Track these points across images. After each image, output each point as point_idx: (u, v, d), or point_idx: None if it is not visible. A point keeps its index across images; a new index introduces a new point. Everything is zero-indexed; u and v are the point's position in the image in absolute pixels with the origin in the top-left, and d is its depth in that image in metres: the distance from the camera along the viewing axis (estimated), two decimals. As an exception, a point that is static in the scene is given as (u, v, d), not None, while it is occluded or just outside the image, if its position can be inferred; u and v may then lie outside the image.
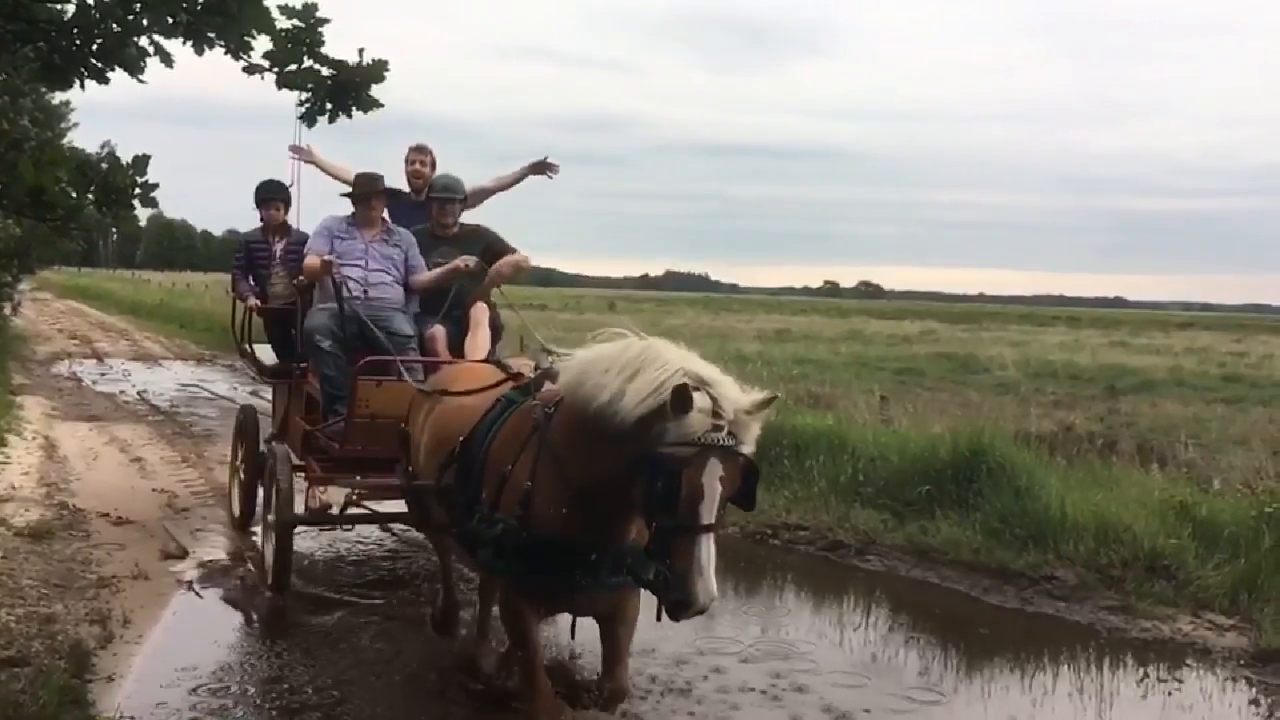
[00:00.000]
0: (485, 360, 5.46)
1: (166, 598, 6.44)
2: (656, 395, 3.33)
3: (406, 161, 7.53)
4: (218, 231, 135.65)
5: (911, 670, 5.86)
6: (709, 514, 3.27)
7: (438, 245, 6.79)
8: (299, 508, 6.56)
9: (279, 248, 7.73)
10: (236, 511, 7.96)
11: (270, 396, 8.60)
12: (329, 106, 4.08)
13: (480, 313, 6.64)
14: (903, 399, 14.21)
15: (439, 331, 6.47)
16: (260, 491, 7.28)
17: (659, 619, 3.45)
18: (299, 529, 6.56)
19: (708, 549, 3.26)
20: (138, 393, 16.28)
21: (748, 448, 3.38)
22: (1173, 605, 6.88)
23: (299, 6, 3.93)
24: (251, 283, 7.78)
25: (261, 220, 7.83)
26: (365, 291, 6.41)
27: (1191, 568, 7.18)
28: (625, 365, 3.48)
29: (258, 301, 7.67)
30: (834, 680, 5.58)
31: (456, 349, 6.43)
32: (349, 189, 6.80)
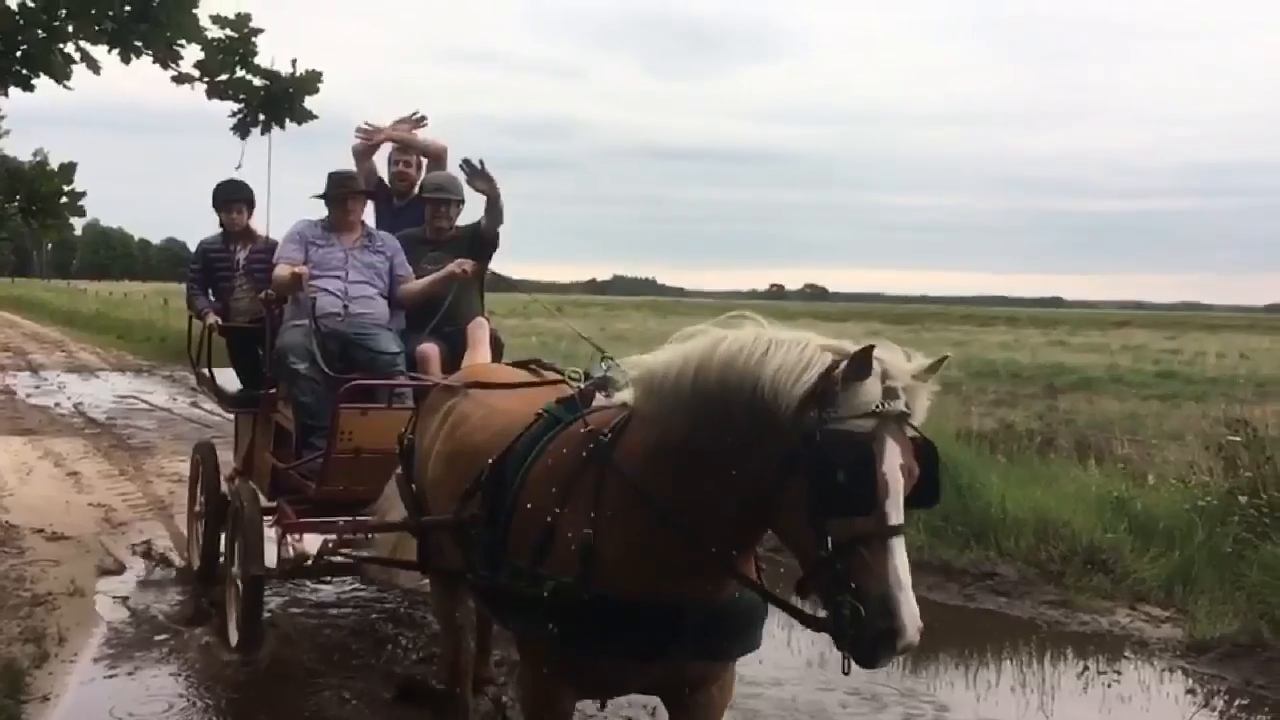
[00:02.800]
0: (520, 365, 4.52)
1: (103, 615, 6.31)
2: (811, 368, 2.58)
3: (390, 162, 6.63)
4: (157, 239, 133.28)
5: (857, 668, 5.91)
6: (899, 510, 2.53)
7: (429, 250, 6.05)
8: (270, 558, 5.54)
9: (242, 256, 6.75)
10: (196, 563, 6.83)
11: (232, 427, 7.39)
12: (262, 117, 4.02)
13: (479, 328, 5.83)
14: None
15: (431, 350, 5.68)
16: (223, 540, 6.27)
17: (846, 670, 2.63)
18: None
19: (905, 559, 2.51)
20: (73, 405, 15.92)
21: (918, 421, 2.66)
22: (1111, 598, 7.05)
23: (231, 16, 3.88)
24: (211, 297, 6.82)
25: (221, 225, 6.86)
26: (345, 306, 5.62)
27: (1128, 561, 7.35)
28: (741, 354, 2.70)
29: (218, 319, 6.62)
30: (782, 678, 5.61)
31: (453, 370, 5.52)
32: (324, 190, 5.91)
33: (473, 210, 6.20)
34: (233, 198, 6.78)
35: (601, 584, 2.90)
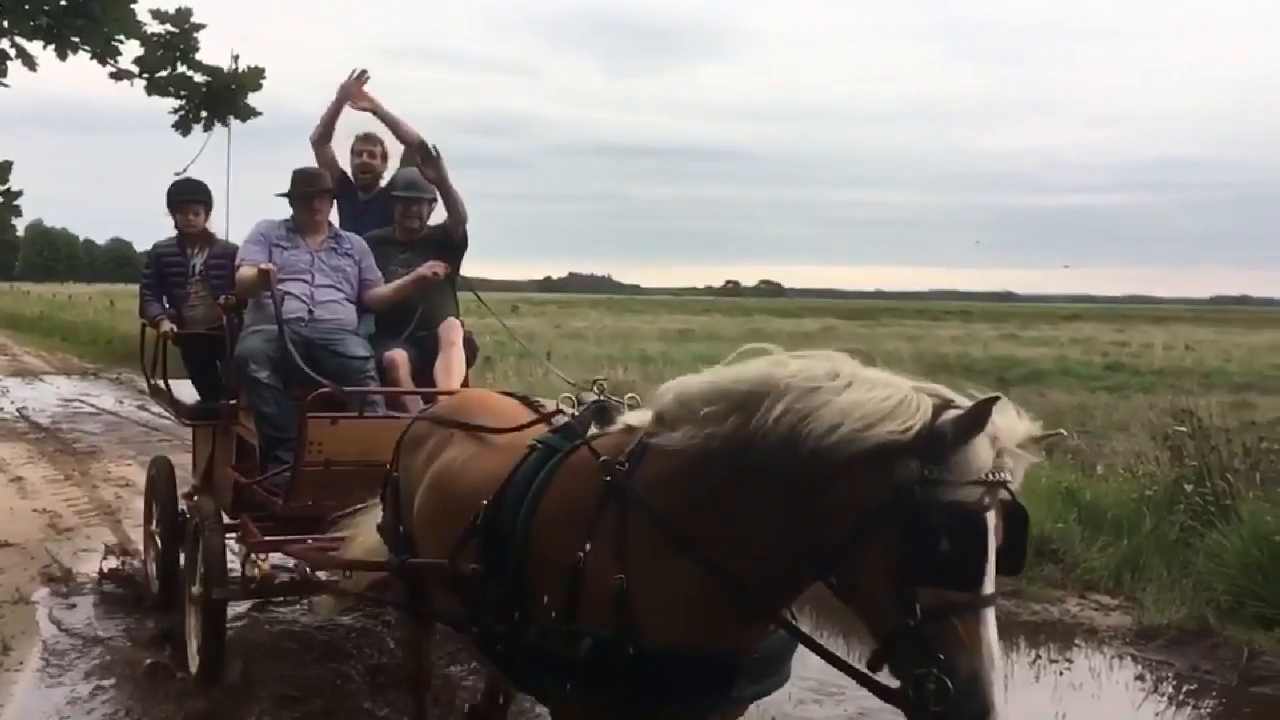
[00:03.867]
0: (517, 397, 4.10)
1: (48, 623, 6.17)
2: (913, 414, 2.28)
3: (353, 154, 6.28)
4: (102, 240, 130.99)
5: (813, 663, 5.93)
6: (994, 580, 2.30)
7: (399, 252, 5.73)
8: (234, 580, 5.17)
9: (199, 261, 6.34)
10: (155, 586, 6.36)
11: (183, 429, 7.06)
12: (204, 114, 3.94)
13: (452, 330, 5.53)
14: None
15: (400, 356, 5.38)
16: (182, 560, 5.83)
17: None
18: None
19: (996, 631, 2.28)
20: (17, 410, 15.59)
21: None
22: (1061, 587, 7.15)
23: (171, 11, 3.79)
24: (165, 304, 6.40)
25: (176, 228, 6.40)
26: (311, 311, 5.31)
27: (1078, 551, 7.47)
28: (817, 387, 2.38)
29: (173, 326, 6.22)
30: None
31: (423, 376, 5.38)
32: (288, 188, 5.63)
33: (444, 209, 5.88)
34: (189, 198, 6.35)
35: (642, 636, 2.58)
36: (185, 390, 6.34)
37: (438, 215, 5.86)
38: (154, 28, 3.69)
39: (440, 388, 5.12)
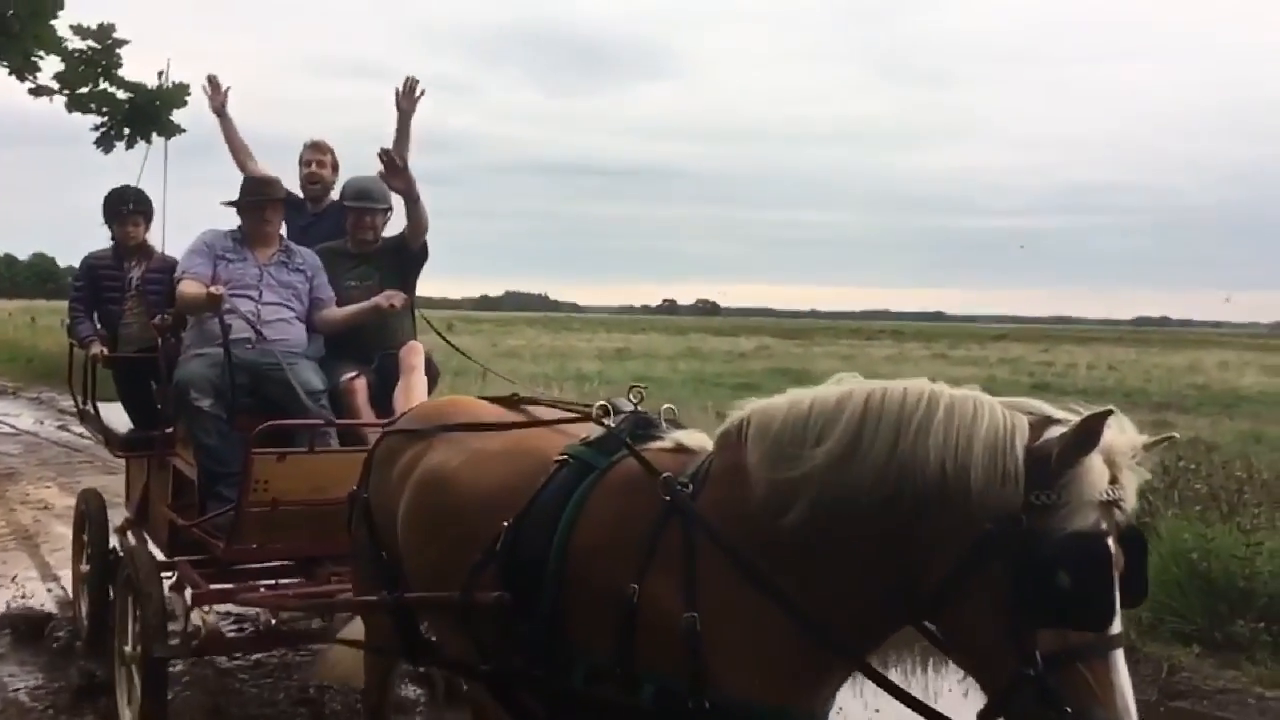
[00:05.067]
0: (496, 400, 3.70)
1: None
2: (1014, 435, 2.06)
3: (301, 163, 5.84)
4: (23, 255, 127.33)
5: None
6: (1119, 615, 2.05)
7: (353, 265, 5.34)
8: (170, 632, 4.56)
9: (135, 275, 5.84)
10: (85, 630, 5.81)
11: (109, 453, 6.39)
12: (126, 131, 3.85)
13: (413, 354, 5.13)
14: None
15: (358, 383, 4.97)
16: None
17: None
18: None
19: (1128, 675, 2.03)
20: (-71, 431, 15.05)
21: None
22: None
23: (93, 27, 3.71)
24: (97, 322, 5.91)
25: (114, 239, 5.92)
26: (257, 331, 4.85)
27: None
28: (907, 410, 2.18)
29: (103, 349, 5.71)
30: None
31: (382, 403, 4.97)
32: (234, 197, 5.28)
33: (399, 219, 5.50)
34: (130, 208, 5.88)
35: (717, 686, 2.26)
36: (117, 414, 5.85)
37: (394, 225, 5.52)
38: (75, 44, 3.60)
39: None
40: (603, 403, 2.92)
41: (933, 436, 2.11)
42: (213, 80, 5.96)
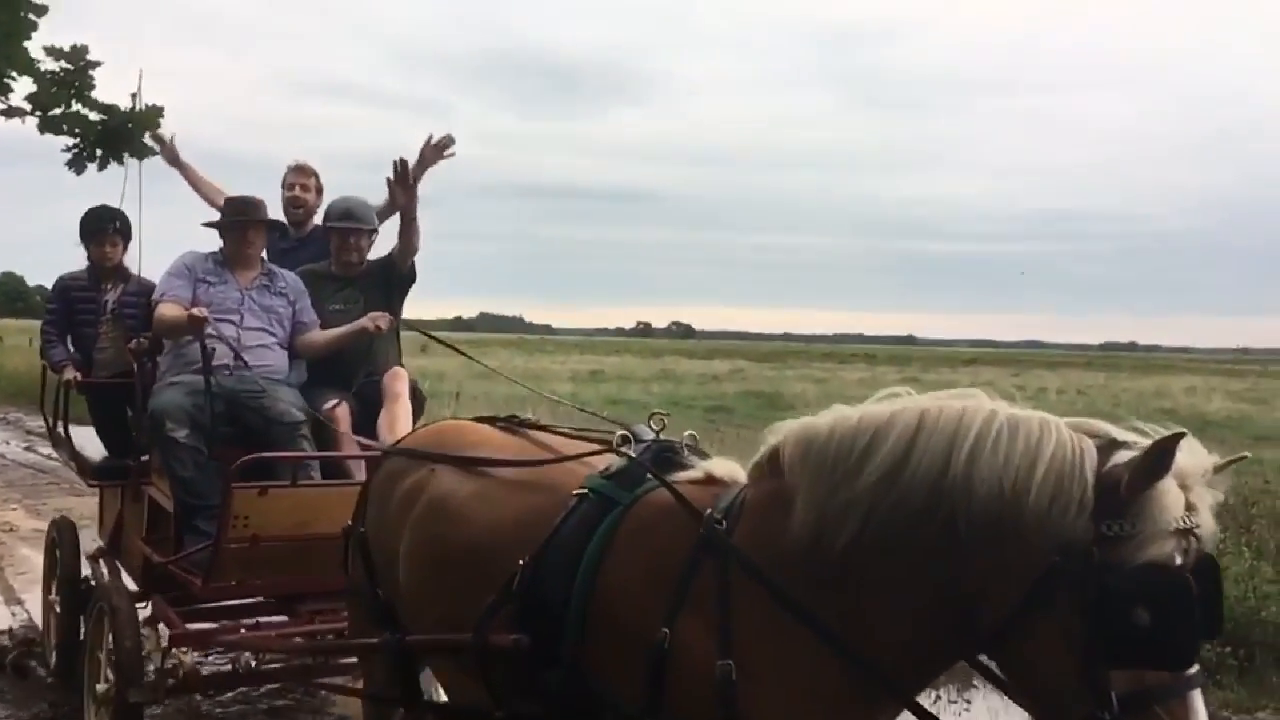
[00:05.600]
0: (487, 420, 3.50)
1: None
2: (1083, 459, 1.92)
3: (284, 186, 5.67)
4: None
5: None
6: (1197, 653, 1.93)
7: (337, 288, 5.17)
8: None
9: (112, 298, 5.65)
10: (52, 660, 5.61)
11: (76, 474, 6.07)
12: (99, 153, 3.83)
13: (397, 380, 4.93)
14: (713, 438, 14.55)
15: (341, 410, 4.76)
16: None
17: None
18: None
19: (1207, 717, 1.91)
20: (-109, 452, 14.79)
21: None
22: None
23: (66, 48, 3.69)
24: (70, 345, 5.73)
25: (90, 260, 5.71)
26: (237, 357, 4.66)
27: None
28: (963, 432, 2.02)
29: (77, 374, 5.52)
30: None
31: (365, 432, 4.75)
32: (215, 218, 5.14)
33: (386, 239, 5.32)
34: (106, 227, 5.65)
35: None
36: (89, 439, 5.65)
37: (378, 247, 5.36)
38: (48, 65, 3.58)
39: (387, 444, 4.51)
40: (623, 432, 2.74)
41: (992, 456, 1.96)
42: (157, 137, 5.68)
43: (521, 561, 2.52)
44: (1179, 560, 1.86)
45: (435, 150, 5.16)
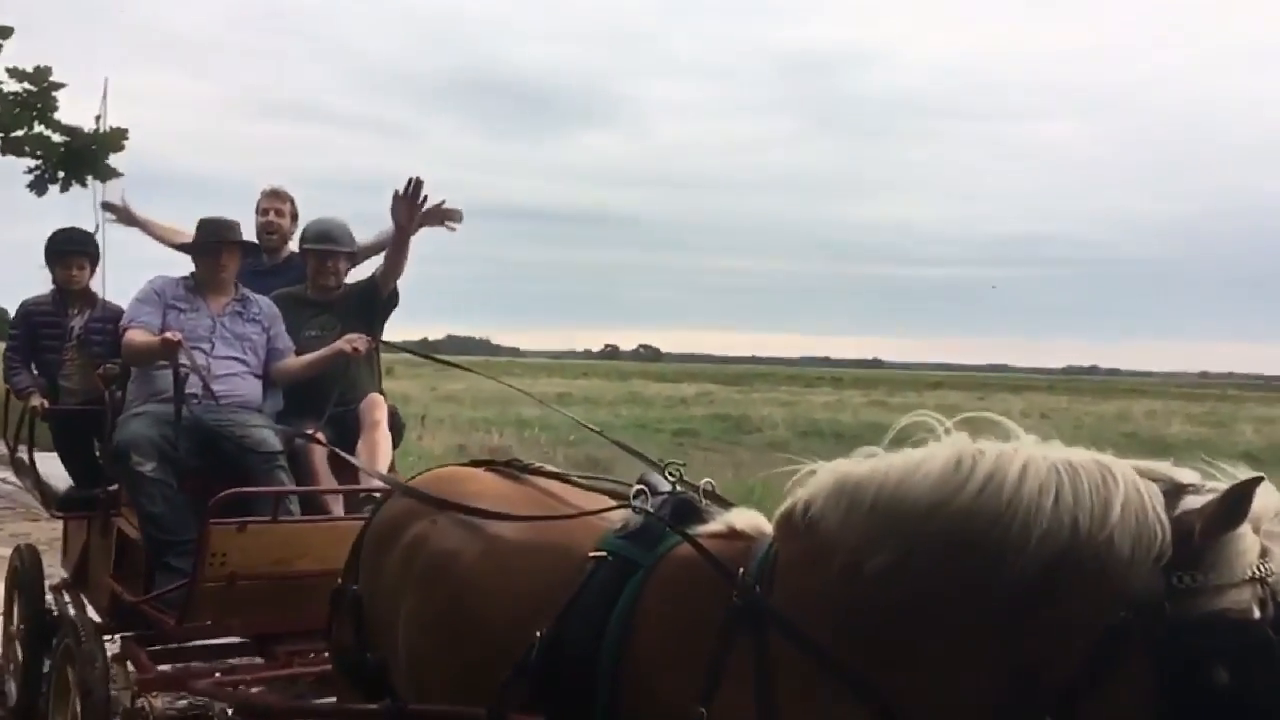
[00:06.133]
0: (482, 464, 3.29)
1: None
2: (1151, 505, 1.78)
3: (257, 211, 5.50)
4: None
5: None
6: None
7: (314, 314, 4.97)
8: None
9: (78, 323, 5.44)
10: (12, 693, 5.40)
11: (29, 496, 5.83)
12: (61, 174, 3.78)
13: (376, 408, 4.72)
14: (680, 460, 14.56)
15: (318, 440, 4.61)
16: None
17: None
18: None
19: None
20: None
21: None
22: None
23: (29, 69, 3.65)
24: (35, 371, 5.52)
25: (55, 283, 5.51)
26: (207, 386, 4.45)
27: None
28: (1018, 480, 1.85)
29: (43, 401, 5.31)
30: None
31: (343, 463, 4.51)
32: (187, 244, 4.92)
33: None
34: (73, 250, 5.46)
35: None
36: (54, 467, 5.38)
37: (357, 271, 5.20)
38: (10, 86, 3.54)
39: (367, 477, 4.32)
40: (640, 486, 2.51)
41: (1059, 500, 1.81)
42: (106, 204, 5.50)
43: (539, 633, 2.31)
44: (1257, 613, 1.70)
45: (440, 215, 5.11)
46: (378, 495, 4.13)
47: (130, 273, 5.20)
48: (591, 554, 2.36)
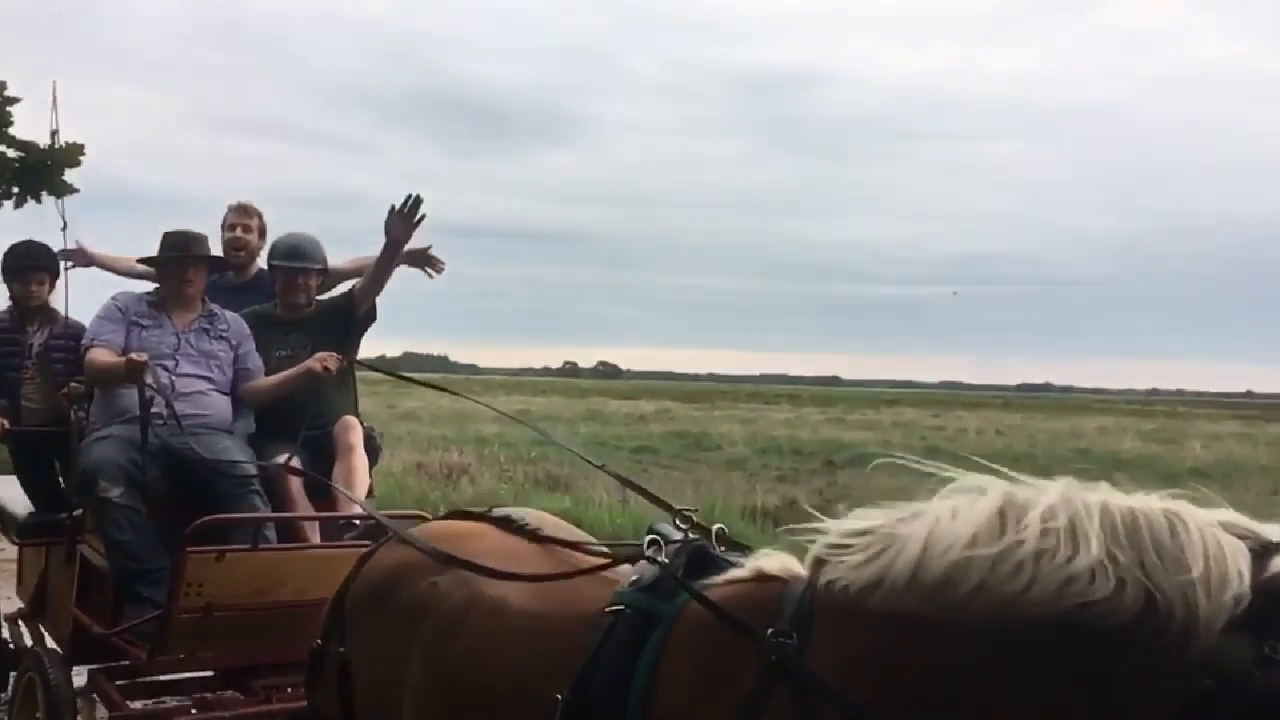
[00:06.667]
0: (471, 516, 3.07)
1: None
2: (1236, 566, 1.60)
3: (224, 227, 5.26)
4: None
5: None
6: None
7: (284, 333, 4.75)
8: None
9: (37, 340, 5.19)
10: None
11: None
12: (15, 190, 3.72)
13: (351, 431, 4.52)
14: (639, 478, 14.57)
15: (293, 465, 4.33)
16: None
17: None
18: None
19: None
20: None
21: None
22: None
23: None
24: None
25: (13, 299, 5.28)
26: (168, 406, 4.18)
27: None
28: (1073, 530, 1.69)
29: (3, 422, 5.03)
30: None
31: (319, 487, 4.36)
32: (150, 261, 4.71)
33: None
34: (32, 264, 5.23)
35: None
36: (12, 490, 5.14)
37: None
38: (-35, 101, 3.48)
39: (344, 503, 4.19)
40: (653, 536, 2.34)
41: (1135, 554, 1.63)
42: (62, 252, 5.36)
43: (559, 695, 2.12)
44: None
45: (424, 258, 5.18)
46: (357, 522, 4.10)
47: (94, 290, 5.04)
48: (607, 608, 2.19)
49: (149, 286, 4.78)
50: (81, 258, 5.37)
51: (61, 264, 5.21)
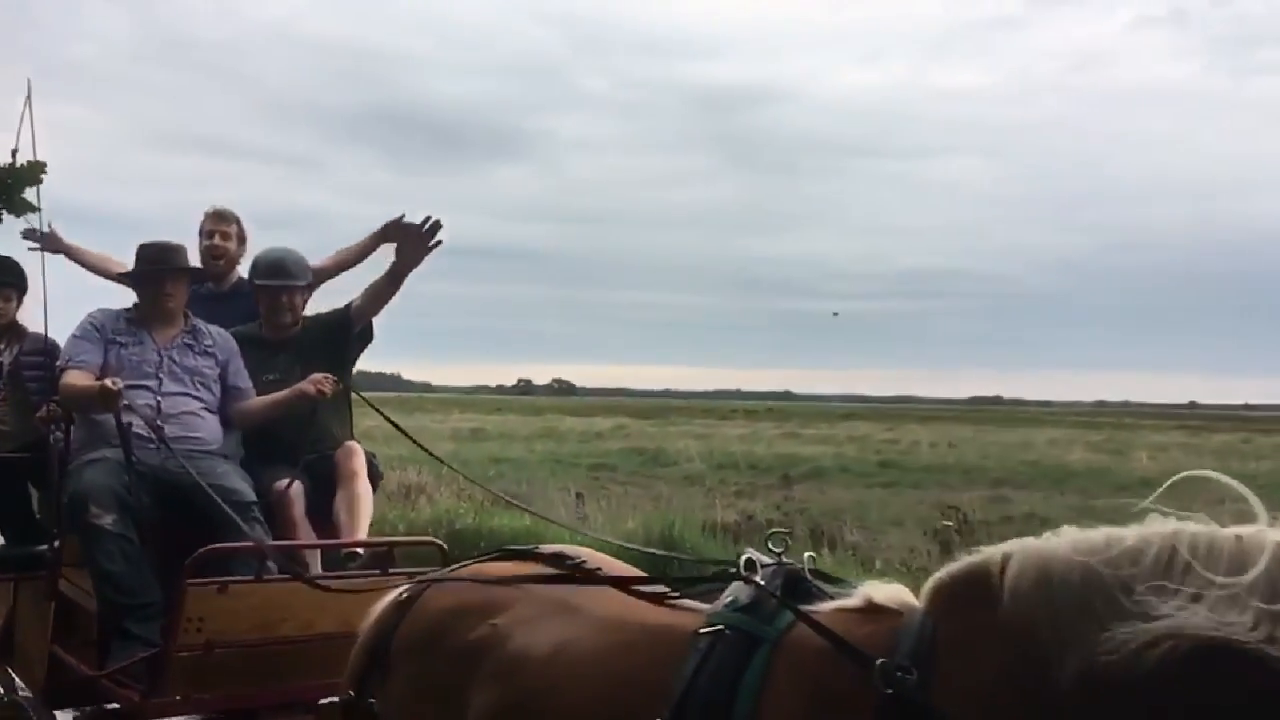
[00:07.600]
0: (512, 555, 2.84)
1: None
2: None
3: (202, 234, 4.96)
4: None
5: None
6: None
7: (271, 354, 4.52)
8: None
9: (6, 358, 4.96)
10: None
11: None
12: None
13: (353, 457, 4.32)
14: (597, 495, 14.65)
15: (295, 491, 4.12)
16: None
17: None
18: None
19: None
20: None
21: None
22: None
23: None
24: None
25: None
26: (157, 431, 3.93)
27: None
28: (1220, 563, 1.59)
29: None
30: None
31: (320, 514, 4.18)
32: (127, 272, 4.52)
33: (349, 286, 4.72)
34: (25, 280, 4.99)
35: None
36: None
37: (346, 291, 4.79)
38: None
39: (348, 532, 4.01)
40: (748, 556, 2.21)
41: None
42: (27, 232, 4.94)
43: None
44: None
45: (393, 232, 4.77)
46: (360, 552, 3.90)
47: (74, 307, 4.74)
48: (702, 629, 2.07)
49: (125, 299, 4.58)
50: (52, 242, 5.04)
51: (42, 258, 4.87)
